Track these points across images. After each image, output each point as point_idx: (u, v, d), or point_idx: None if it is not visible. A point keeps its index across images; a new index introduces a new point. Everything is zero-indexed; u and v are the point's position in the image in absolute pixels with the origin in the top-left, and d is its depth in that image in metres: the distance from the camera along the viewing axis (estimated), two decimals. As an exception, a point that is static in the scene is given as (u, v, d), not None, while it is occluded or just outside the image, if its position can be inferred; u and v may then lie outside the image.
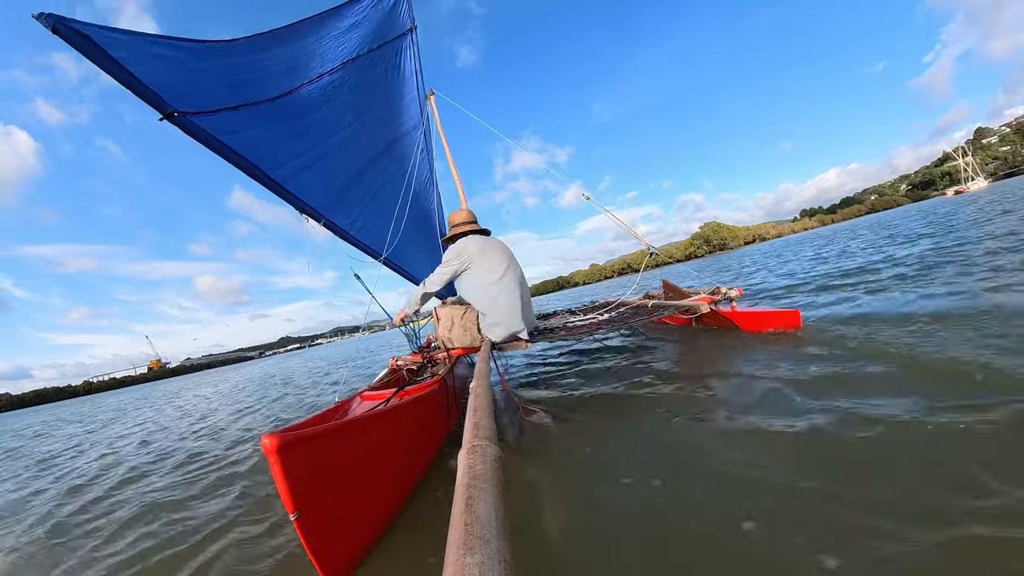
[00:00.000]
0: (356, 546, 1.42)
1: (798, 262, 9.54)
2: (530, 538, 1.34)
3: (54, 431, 9.54)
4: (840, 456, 1.41)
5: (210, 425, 5.19)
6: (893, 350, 2.26)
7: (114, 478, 3.39)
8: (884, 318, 2.95)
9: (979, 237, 6.03)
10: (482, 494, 0.57)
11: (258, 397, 7.45)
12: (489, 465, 0.66)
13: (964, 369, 1.84)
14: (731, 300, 3.58)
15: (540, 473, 1.79)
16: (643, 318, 3.57)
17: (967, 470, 1.21)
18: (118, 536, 2.16)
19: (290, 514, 1.18)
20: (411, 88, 5.04)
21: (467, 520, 0.51)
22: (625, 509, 1.40)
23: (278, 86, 3.07)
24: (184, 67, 2.43)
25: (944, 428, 1.43)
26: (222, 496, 2.41)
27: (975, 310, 2.62)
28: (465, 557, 0.45)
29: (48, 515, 2.75)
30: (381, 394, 2.39)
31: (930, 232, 8.56)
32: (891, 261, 5.73)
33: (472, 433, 0.79)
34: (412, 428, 1.93)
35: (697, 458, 1.61)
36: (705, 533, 1.20)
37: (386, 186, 4.77)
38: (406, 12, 4.49)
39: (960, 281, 3.51)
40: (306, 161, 3.52)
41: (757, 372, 2.37)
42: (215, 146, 2.67)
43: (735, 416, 1.88)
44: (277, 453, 1.15)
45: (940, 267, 4.37)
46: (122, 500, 2.75)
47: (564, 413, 2.47)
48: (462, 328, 3.08)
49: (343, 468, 1.40)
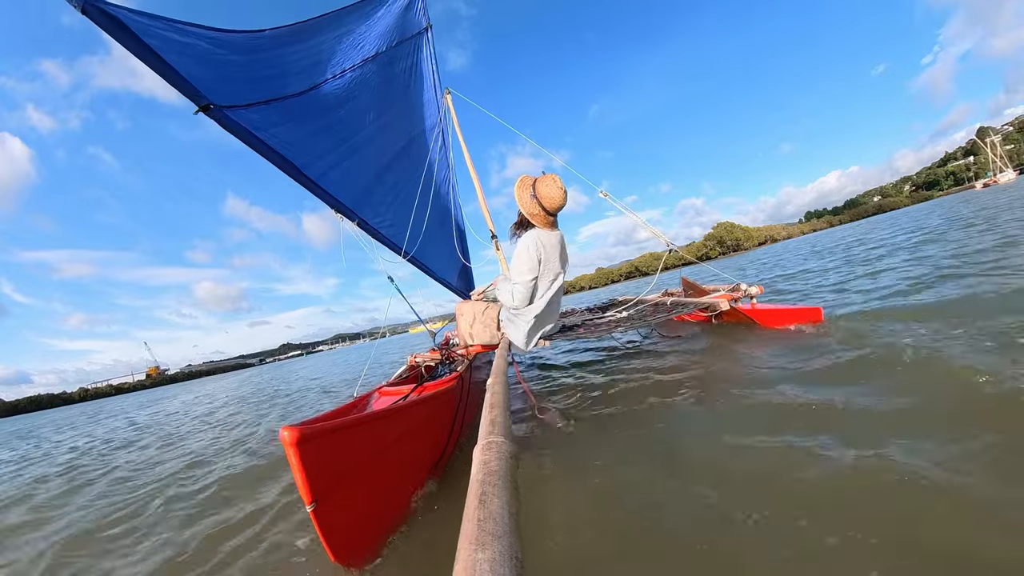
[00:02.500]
0: (370, 538, 1.45)
1: (857, 265, 6.64)
2: (541, 536, 1.34)
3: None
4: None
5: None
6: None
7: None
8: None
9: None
10: (495, 490, 0.57)
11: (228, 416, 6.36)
12: (503, 462, 0.66)
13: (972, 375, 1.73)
14: (751, 297, 3.50)
15: (553, 472, 1.79)
16: (662, 316, 3.52)
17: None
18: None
19: (307, 505, 1.20)
20: (428, 86, 5.08)
21: (480, 516, 0.51)
22: (636, 511, 1.39)
23: (302, 81, 3.06)
24: (213, 58, 2.39)
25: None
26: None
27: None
28: (477, 553, 0.45)
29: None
30: (399, 390, 2.41)
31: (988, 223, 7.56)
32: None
33: (488, 429, 0.79)
34: (428, 424, 1.94)
35: (711, 461, 1.58)
36: (715, 535, 1.18)
37: (407, 183, 4.80)
38: (421, 11, 4.52)
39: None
40: (334, 159, 3.53)
41: (777, 374, 2.30)
42: (251, 142, 2.63)
43: (752, 421, 1.83)
44: (296, 446, 1.17)
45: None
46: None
47: (579, 413, 2.45)
48: (483, 325, 3.04)
49: (360, 461, 1.42)
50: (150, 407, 13.95)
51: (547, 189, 2.61)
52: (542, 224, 2.68)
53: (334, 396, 6.32)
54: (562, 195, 2.61)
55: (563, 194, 2.62)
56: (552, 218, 2.69)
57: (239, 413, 6.51)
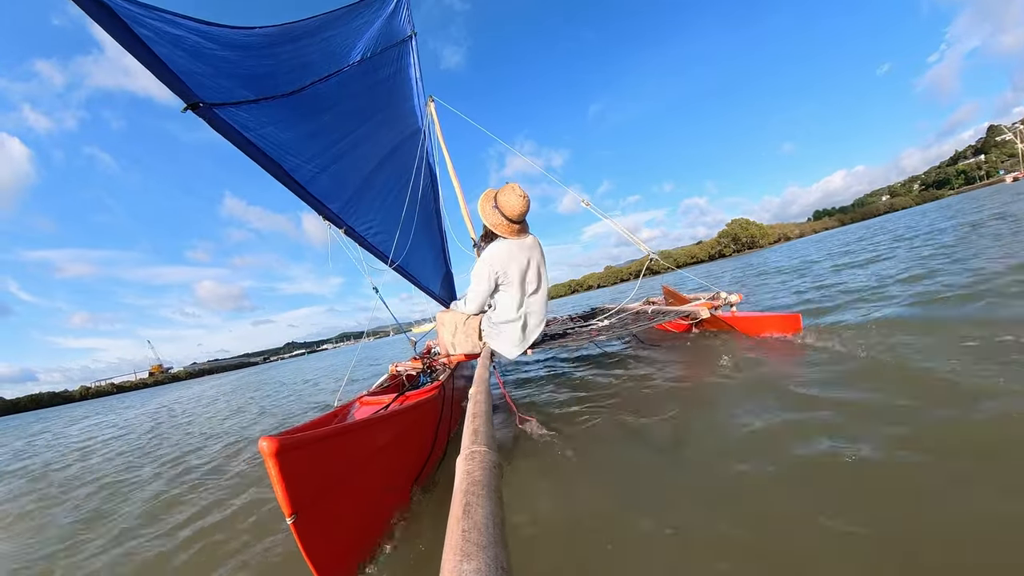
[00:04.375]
0: (353, 550, 1.41)
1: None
2: (522, 546, 1.33)
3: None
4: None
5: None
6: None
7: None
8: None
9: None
10: (480, 500, 0.56)
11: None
12: (487, 471, 0.66)
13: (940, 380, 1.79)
14: (731, 305, 3.58)
15: (534, 481, 1.79)
16: (643, 324, 3.57)
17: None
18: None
19: (287, 517, 1.17)
20: (412, 94, 5.09)
21: (464, 526, 0.50)
22: (619, 518, 1.39)
23: (291, 82, 3.01)
24: (203, 52, 2.28)
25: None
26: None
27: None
28: (462, 563, 0.45)
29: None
30: (380, 399, 2.38)
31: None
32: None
33: (471, 439, 0.79)
34: (410, 433, 1.92)
35: (691, 467, 1.61)
36: (702, 543, 1.19)
37: (392, 191, 4.79)
38: (405, 19, 4.54)
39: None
40: (322, 163, 3.49)
41: (753, 380, 2.36)
42: (240, 142, 2.56)
43: (730, 426, 1.86)
44: (275, 456, 1.14)
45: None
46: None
47: (560, 422, 2.46)
48: (464, 335, 3.03)
49: (341, 472, 1.40)
50: (97, 416, 13.28)
51: (506, 197, 2.68)
52: (507, 233, 2.74)
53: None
54: (522, 202, 2.67)
55: (523, 200, 2.68)
56: (517, 225, 2.74)
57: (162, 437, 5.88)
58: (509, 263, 2.71)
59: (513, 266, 2.72)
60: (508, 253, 2.72)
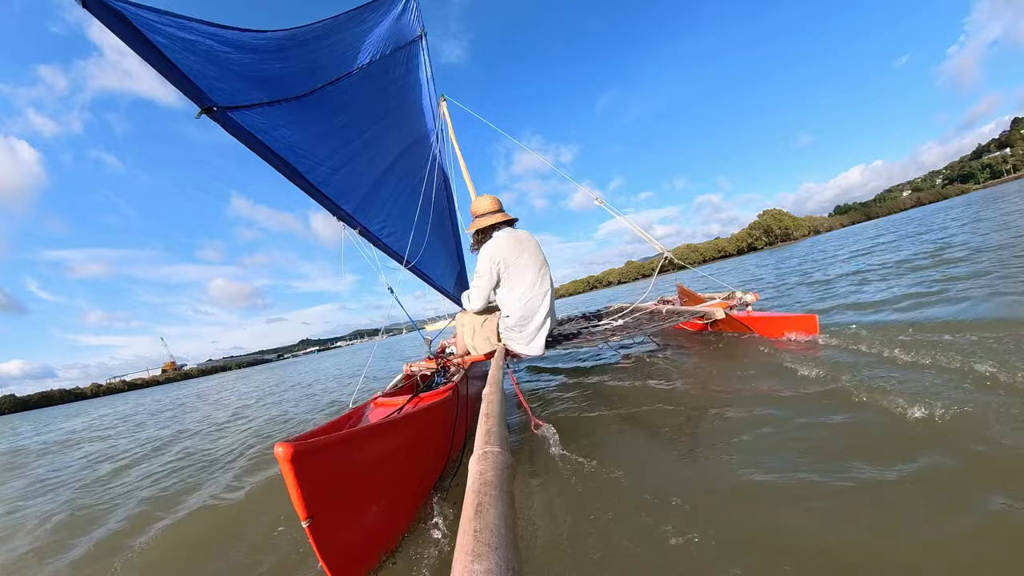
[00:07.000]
0: (367, 552, 1.43)
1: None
2: (531, 551, 1.33)
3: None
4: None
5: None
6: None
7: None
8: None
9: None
10: (492, 501, 0.56)
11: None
12: (499, 472, 0.65)
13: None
14: (747, 305, 3.51)
15: (546, 484, 1.77)
16: (657, 324, 3.53)
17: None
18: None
19: (302, 521, 1.18)
20: (424, 94, 5.11)
21: (476, 527, 0.50)
22: (626, 525, 1.38)
23: (303, 85, 3.03)
24: (216, 56, 2.29)
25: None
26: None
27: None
28: (473, 564, 0.44)
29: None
30: (394, 401, 2.39)
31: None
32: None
33: (484, 440, 0.78)
34: (424, 435, 1.93)
35: (703, 478, 1.58)
36: (718, 552, 1.17)
37: (405, 191, 4.82)
38: (415, 19, 4.55)
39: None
40: (335, 164, 3.52)
41: (772, 387, 2.29)
42: (254, 145, 2.58)
43: (743, 438, 1.79)
44: (291, 461, 1.15)
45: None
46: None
47: (573, 422, 2.44)
48: (483, 337, 3.02)
49: (355, 475, 1.41)
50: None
51: (475, 204, 3.12)
52: (494, 219, 2.94)
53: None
54: (488, 199, 3.06)
55: (490, 199, 3.06)
56: (499, 213, 3.00)
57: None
58: (508, 252, 2.80)
59: (512, 255, 2.79)
60: (507, 243, 2.82)
